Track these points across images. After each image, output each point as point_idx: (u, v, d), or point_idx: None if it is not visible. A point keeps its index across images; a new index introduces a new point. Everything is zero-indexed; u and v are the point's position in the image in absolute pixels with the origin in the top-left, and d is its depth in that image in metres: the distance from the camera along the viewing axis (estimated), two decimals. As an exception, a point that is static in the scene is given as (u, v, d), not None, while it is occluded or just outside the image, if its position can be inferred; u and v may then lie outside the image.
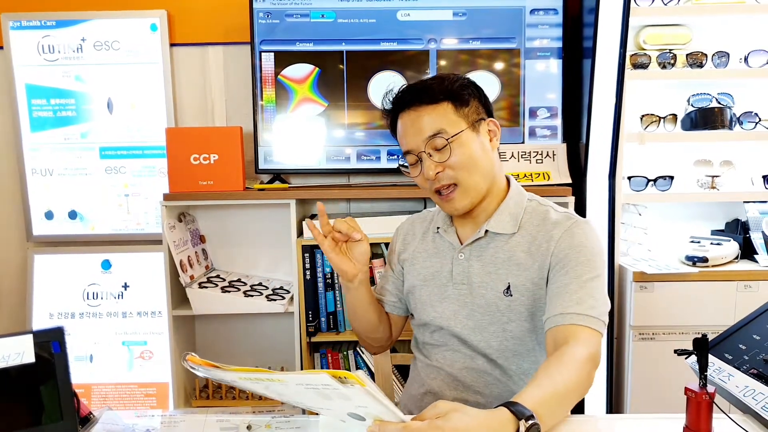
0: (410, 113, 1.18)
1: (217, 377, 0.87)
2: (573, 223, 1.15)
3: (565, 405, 0.94)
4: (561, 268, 1.10)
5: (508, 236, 1.18)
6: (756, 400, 0.96)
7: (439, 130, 1.14)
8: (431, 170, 1.15)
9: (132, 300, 2.41)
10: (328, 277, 2.15)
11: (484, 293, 1.17)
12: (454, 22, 2.23)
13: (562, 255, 1.11)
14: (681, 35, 2.17)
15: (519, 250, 1.16)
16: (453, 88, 1.17)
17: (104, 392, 2.40)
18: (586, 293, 1.05)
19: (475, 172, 1.16)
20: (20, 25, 2.35)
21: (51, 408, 0.87)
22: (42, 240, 2.46)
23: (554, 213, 1.20)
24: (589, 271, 1.08)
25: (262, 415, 1.00)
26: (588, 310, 1.03)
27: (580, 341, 0.99)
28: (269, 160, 2.28)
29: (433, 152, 1.15)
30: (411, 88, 1.20)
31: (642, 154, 2.25)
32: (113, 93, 2.38)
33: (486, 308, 1.17)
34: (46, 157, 2.41)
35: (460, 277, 1.21)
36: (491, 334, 1.17)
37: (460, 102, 1.16)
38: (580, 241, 1.12)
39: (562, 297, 1.06)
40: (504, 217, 1.19)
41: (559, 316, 1.04)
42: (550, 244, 1.13)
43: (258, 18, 2.23)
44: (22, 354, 0.85)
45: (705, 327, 1.99)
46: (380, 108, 1.27)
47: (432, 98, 1.16)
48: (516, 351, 1.17)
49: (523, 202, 1.22)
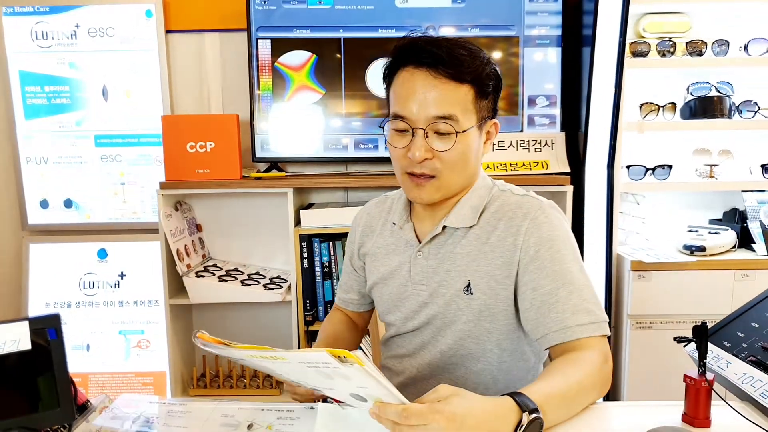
0: (425, 74, 1.01)
1: (226, 354, 0.87)
2: (536, 211, 1.05)
3: (574, 405, 0.90)
4: (537, 270, 1.01)
5: (466, 230, 1.09)
6: (754, 387, 0.96)
7: (451, 115, 1.00)
8: (421, 152, 1.01)
9: (128, 289, 2.40)
10: (326, 266, 2.14)
11: (444, 292, 1.09)
12: (452, 9, 2.21)
13: (533, 252, 1.02)
14: (681, 23, 2.16)
15: (478, 242, 1.08)
16: (482, 72, 1.02)
17: (101, 381, 2.40)
18: (578, 298, 0.98)
19: (459, 173, 1.06)
20: (13, 11, 2.32)
21: (48, 395, 0.86)
22: (37, 229, 2.45)
23: (512, 196, 1.11)
24: (568, 265, 1.01)
25: (267, 413, 0.99)
26: (588, 317, 0.97)
27: (591, 349, 0.95)
28: (266, 148, 2.27)
29: (431, 135, 1.02)
30: (437, 44, 1.01)
31: (641, 143, 2.24)
32: (108, 80, 2.36)
33: (445, 308, 1.09)
34: (41, 146, 2.40)
35: (418, 277, 1.12)
36: (449, 335, 1.10)
37: (482, 92, 1.04)
38: (548, 233, 1.03)
39: (555, 308, 0.98)
40: (464, 210, 1.09)
41: (560, 332, 0.97)
42: (516, 238, 1.04)
43: (255, 4, 2.21)
44: (18, 341, 0.84)
45: (702, 316, 1.98)
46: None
47: (458, 74, 1.00)
48: (471, 352, 1.09)
49: (486, 193, 1.12)
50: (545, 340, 1.00)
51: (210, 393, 2.27)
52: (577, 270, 1.02)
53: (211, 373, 2.32)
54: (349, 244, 1.32)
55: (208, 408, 1.01)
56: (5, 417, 0.84)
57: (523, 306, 1.04)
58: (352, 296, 1.33)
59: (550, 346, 1.00)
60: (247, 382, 2.29)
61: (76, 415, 0.92)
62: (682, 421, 0.90)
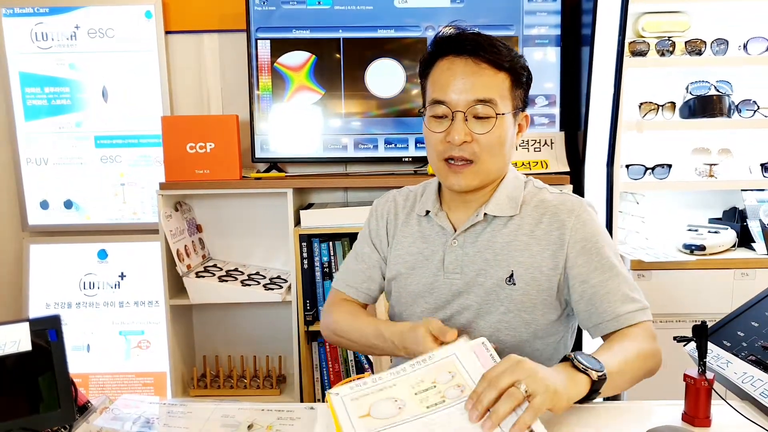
0: (465, 60, 1.05)
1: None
2: (580, 208, 1.11)
3: (631, 373, 0.96)
4: (585, 264, 1.07)
5: (506, 219, 1.12)
6: (754, 386, 0.96)
7: (491, 98, 1.05)
8: (461, 135, 1.04)
9: (129, 290, 2.40)
10: (326, 266, 2.14)
11: (483, 282, 1.10)
12: (451, 9, 2.22)
13: (579, 247, 1.08)
14: (680, 22, 2.16)
15: (521, 233, 1.10)
16: (517, 63, 1.08)
17: (101, 382, 2.40)
18: (625, 288, 1.06)
19: (497, 158, 1.09)
20: (13, 12, 2.32)
21: (48, 396, 0.86)
22: (37, 230, 2.45)
23: (549, 194, 1.15)
24: (612, 259, 1.08)
25: (268, 414, 0.99)
26: (635, 305, 1.05)
27: (642, 332, 1.03)
28: (266, 148, 2.27)
29: (471, 118, 1.05)
30: (476, 34, 1.07)
31: (640, 143, 2.24)
32: (108, 81, 2.36)
33: (484, 297, 1.10)
34: (41, 147, 2.40)
35: (452, 266, 1.12)
36: (483, 326, 1.11)
37: (517, 81, 1.09)
38: (592, 229, 1.09)
39: (606, 299, 1.05)
40: (502, 199, 1.12)
41: (613, 321, 1.04)
42: (563, 232, 1.09)
43: (254, 5, 2.21)
44: (18, 342, 0.84)
45: (702, 315, 1.98)
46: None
47: (497, 61, 1.05)
48: (508, 344, 1.11)
49: (521, 184, 1.16)
50: (598, 328, 1.07)
51: (210, 393, 2.27)
52: (618, 263, 1.09)
53: (211, 373, 2.32)
54: (373, 228, 1.26)
55: (209, 408, 1.01)
56: (6, 418, 0.84)
57: (573, 298, 1.09)
58: (371, 286, 1.25)
59: (604, 335, 1.06)
60: (247, 382, 2.29)
61: (77, 416, 0.92)
62: (682, 420, 0.91)
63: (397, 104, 2.23)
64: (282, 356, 2.39)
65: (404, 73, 2.23)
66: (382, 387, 0.89)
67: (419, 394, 0.87)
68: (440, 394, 0.86)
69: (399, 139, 2.26)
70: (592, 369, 0.86)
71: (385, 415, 0.85)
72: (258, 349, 2.43)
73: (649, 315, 1.06)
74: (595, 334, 1.08)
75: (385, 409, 0.86)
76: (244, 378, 2.30)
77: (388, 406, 0.86)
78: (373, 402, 0.87)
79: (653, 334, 1.03)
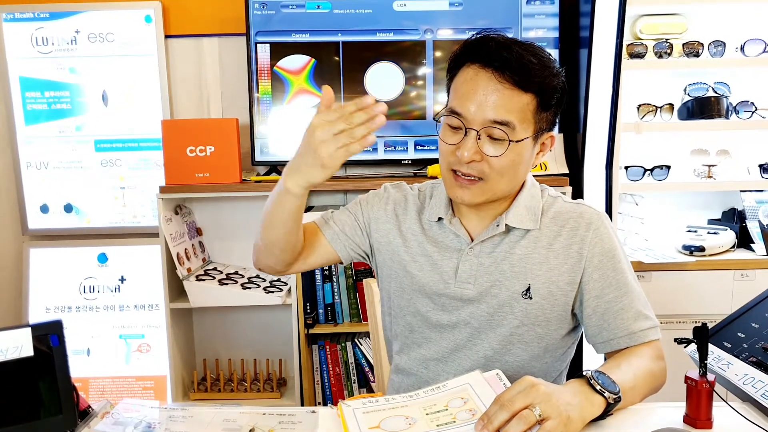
0: (490, 75, 0.98)
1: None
2: (597, 222, 1.08)
3: (639, 390, 0.97)
4: (601, 279, 1.06)
5: (524, 231, 1.08)
6: (755, 387, 0.96)
7: (508, 121, 0.98)
8: (470, 154, 0.99)
9: (129, 293, 2.40)
10: (326, 269, 2.15)
11: (497, 293, 1.07)
12: (450, 12, 2.22)
13: (596, 261, 1.06)
14: (677, 24, 2.16)
15: (539, 246, 1.07)
16: (548, 84, 1.00)
17: (102, 386, 2.40)
18: (638, 305, 1.06)
19: (507, 180, 1.04)
20: (13, 17, 2.33)
21: (50, 402, 0.87)
22: (37, 234, 2.45)
23: (565, 204, 1.11)
24: (627, 274, 1.07)
25: (269, 418, 0.99)
26: (647, 322, 1.06)
27: (651, 351, 1.04)
28: (265, 152, 2.27)
29: (483, 137, 0.99)
30: (508, 48, 0.98)
31: (639, 144, 2.25)
32: (108, 85, 2.36)
33: (496, 309, 1.07)
34: (41, 151, 2.40)
35: (465, 275, 1.09)
36: (493, 339, 1.08)
37: (545, 104, 1.01)
38: (610, 245, 1.07)
39: (620, 316, 1.05)
40: (521, 210, 1.08)
41: (626, 337, 1.05)
42: (582, 247, 1.06)
43: (253, 9, 2.21)
44: (20, 348, 0.85)
45: (702, 316, 1.99)
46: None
47: (523, 82, 0.98)
48: (519, 357, 1.09)
49: (537, 193, 1.12)
50: (609, 344, 1.07)
51: (211, 397, 2.27)
52: (632, 279, 1.08)
53: (212, 376, 2.32)
54: (373, 204, 1.20)
55: (210, 412, 1.01)
56: (8, 424, 0.84)
57: (586, 312, 1.08)
58: (339, 228, 1.20)
59: (614, 350, 1.07)
60: (247, 385, 2.28)
61: (78, 421, 0.92)
62: (683, 422, 0.91)
63: (397, 107, 2.23)
64: (282, 359, 2.38)
65: (403, 76, 2.24)
66: (394, 406, 0.92)
67: (430, 415, 0.89)
68: (451, 416, 0.88)
69: (398, 141, 2.26)
70: (608, 391, 0.87)
71: (395, 429, 0.86)
72: (258, 353, 2.43)
73: (659, 333, 1.07)
74: (603, 350, 1.08)
75: (395, 423, 0.87)
76: (245, 381, 2.30)
77: (398, 422, 0.88)
78: (384, 417, 0.89)
79: (662, 354, 1.05)
